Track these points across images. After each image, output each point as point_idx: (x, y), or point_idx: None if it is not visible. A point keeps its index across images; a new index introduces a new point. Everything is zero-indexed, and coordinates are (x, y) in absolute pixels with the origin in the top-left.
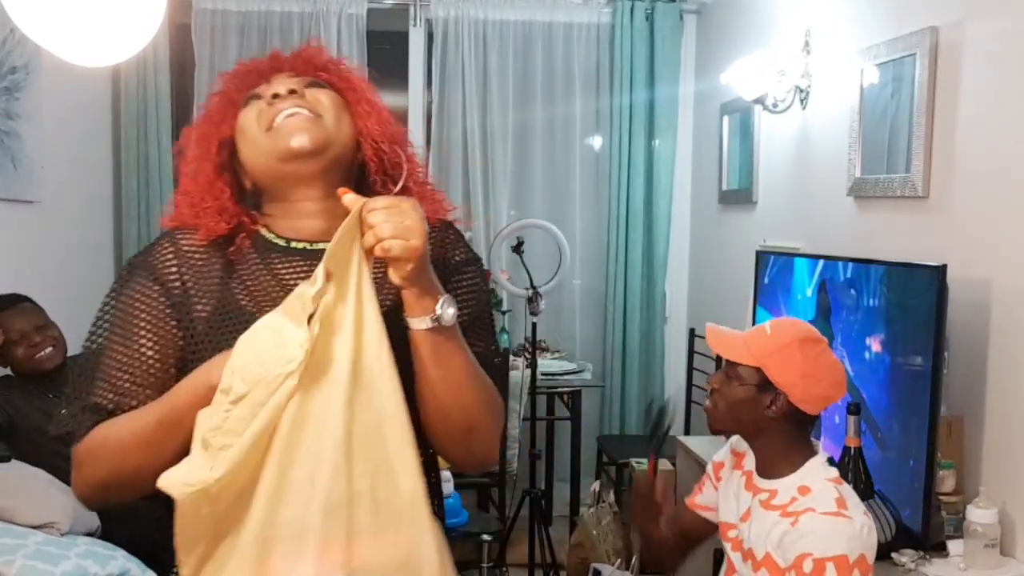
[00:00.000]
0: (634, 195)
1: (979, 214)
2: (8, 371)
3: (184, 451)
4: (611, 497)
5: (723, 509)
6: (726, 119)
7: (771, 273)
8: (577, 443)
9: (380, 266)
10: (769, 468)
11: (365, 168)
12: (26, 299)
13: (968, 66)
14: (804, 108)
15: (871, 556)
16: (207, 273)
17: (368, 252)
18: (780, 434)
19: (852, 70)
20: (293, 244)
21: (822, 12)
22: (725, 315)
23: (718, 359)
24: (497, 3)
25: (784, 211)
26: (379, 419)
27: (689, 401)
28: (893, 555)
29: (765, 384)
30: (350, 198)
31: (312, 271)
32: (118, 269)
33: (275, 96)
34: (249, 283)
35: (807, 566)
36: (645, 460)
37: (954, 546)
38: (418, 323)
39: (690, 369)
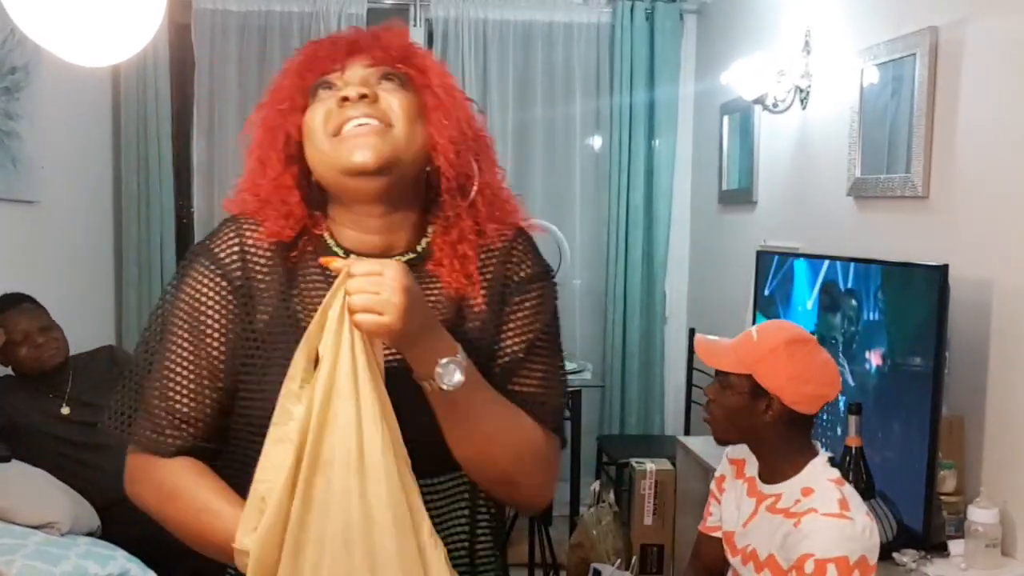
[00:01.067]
0: (634, 195)
1: (979, 214)
2: (8, 371)
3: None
4: (611, 497)
5: (726, 518)
6: (726, 119)
7: (773, 280)
8: (577, 443)
9: None
10: (773, 472)
11: (436, 174)
12: (28, 299)
13: (968, 66)
14: (804, 108)
15: (873, 557)
16: (270, 280)
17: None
18: (780, 438)
19: (852, 70)
20: (352, 256)
21: (822, 12)
22: (725, 315)
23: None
24: (497, 3)
25: (784, 211)
26: (374, 510)
27: (689, 401)
28: (894, 555)
29: (757, 390)
30: (336, 265)
31: None
32: (118, 269)
33: (345, 99)
34: (307, 296)
35: (809, 567)
36: (645, 460)
37: (955, 546)
38: (423, 385)
39: (690, 369)
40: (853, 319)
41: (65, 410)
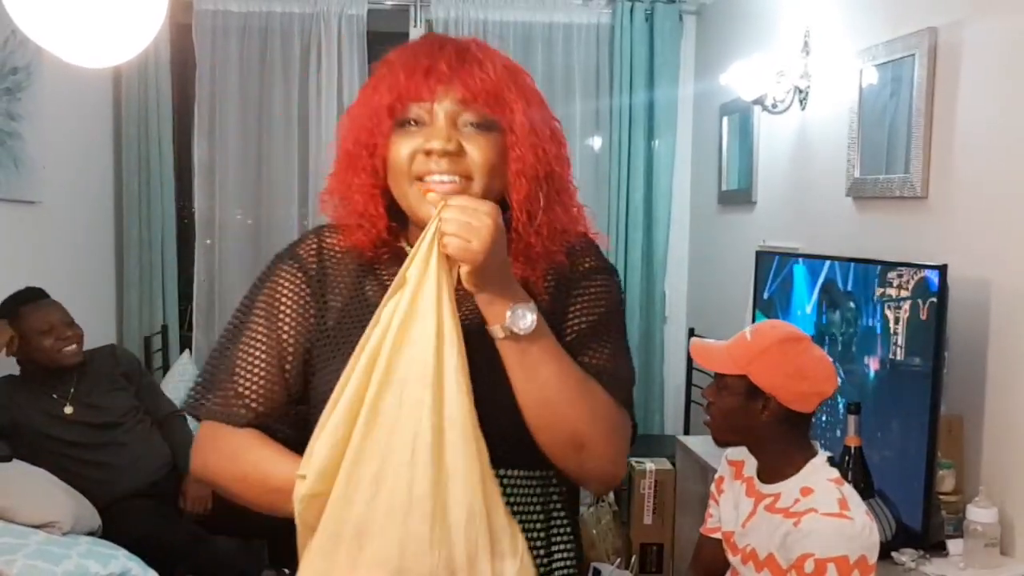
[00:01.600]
0: (634, 195)
1: (978, 214)
2: (10, 371)
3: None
4: (611, 497)
5: (724, 518)
6: (725, 120)
7: (773, 280)
8: None
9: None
10: (771, 472)
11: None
12: (47, 295)
13: (967, 67)
14: (803, 109)
15: (872, 556)
16: (345, 265)
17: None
18: (778, 438)
19: (851, 71)
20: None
21: (821, 13)
22: (725, 315)
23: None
24: (497, 3)
25: (783, 211)
26: (447, 425)
27: (688, 401)
28: (893, 554)
29: (753, 390)
30: (433, 197)
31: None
32: (119, 269)
33: (428, 152)
34: (383, 283)
35: (808, 566)
36: (645, 460)
37: (954, 545)
38: (494, 331)
39: (689, 369)
40: (852, 319)
41: (68, 410)
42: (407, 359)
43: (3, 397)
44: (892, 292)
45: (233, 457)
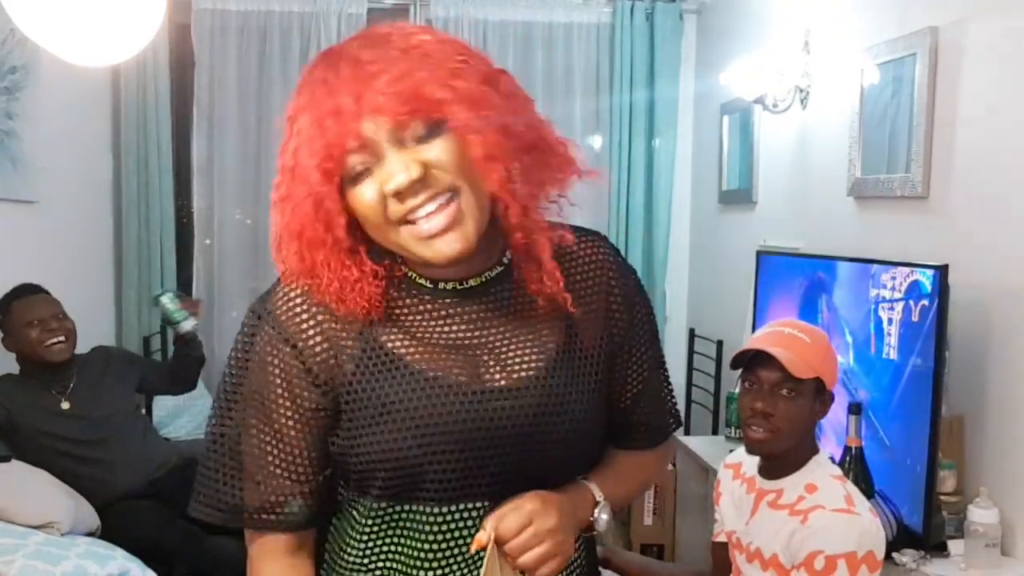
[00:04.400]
0: (634, 195)
1: (979, 214)
2: (10, 370)
3: None
4: None
5: (727, 518)
6: (726, 119)
7: (773, 280)
8: None
9: (526, 338)
10: (775, 468)
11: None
12: (44, 291)
13: (968, 66)
14: (804, 108)
15: (879, 552)
16: (349, 332)
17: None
18: (809, 434)
19: (852, 70)
20: (441, 286)
21: (822, 12)
22: (725, 315)
23: (747, 375)
24: (497, 3)
25: (784, 211)
26: None
27: (689, 401)
28: (894, 555)
29: (819, 390)
30: (482, 539)
31: (464, 309)
32: (118, 269)
33: (396, 194)
34: (396, 320)
35: (819, 563)
36: None
37: (955, 546)
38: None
39: (690, 369)
40: (852, 319)
41: (65, 405)
42: None
43: (1, 395)
44: (892, 292)
45: None
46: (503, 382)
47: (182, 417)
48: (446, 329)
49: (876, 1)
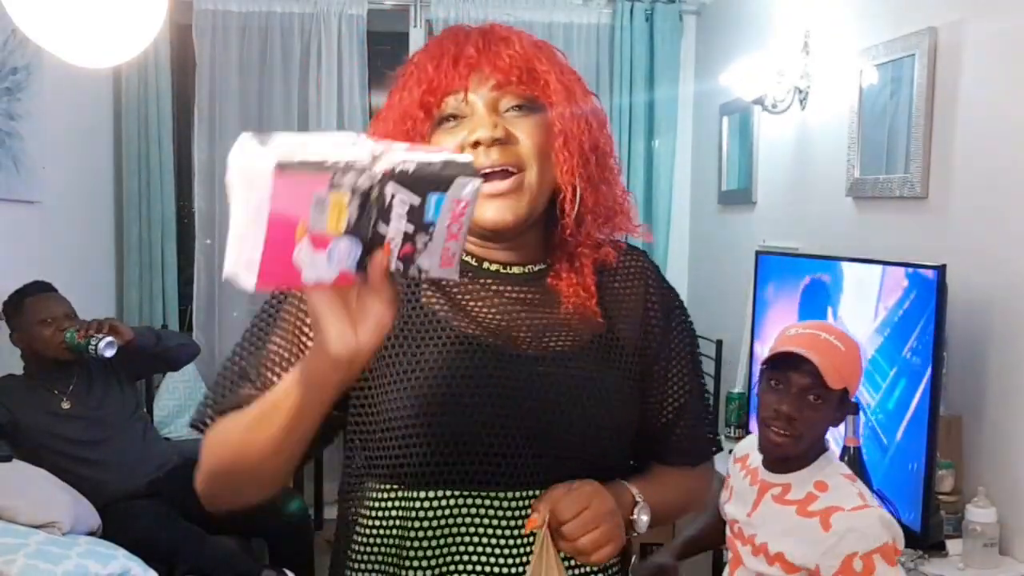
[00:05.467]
0: (634, 195)
1: (978, 214)
2: (12, 371)
3: (279, 450)
4: None
5: (731, 509)
6: (725, 120)
7: (773, 280)
8: None
9: (561, 326)
10: (783, 463)
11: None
12: (54, 289)
13: (967, 67)
14: (803, 109)
15: (900, 543)
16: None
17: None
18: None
19: (851, 71)
20: (485, 265)
21: (821, 13)
22: (725, 315)
23: (775, 375)
24: (497, 3)
25: (783, 211)
26: None
27: None
28: None
29: (844, 398)
30: (538, 520)
31: (504, 290)
32: (119, 269)
33: (476, 144)
34: (439, 293)
35: (857, 565)
36: None
37: (953, 545)
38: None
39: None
40: (851, 319)
41: (66, 405)
42: None
43: (3, 395)
44: (891, 292)
45: (221, 441)
46: (536, 352)
47: (182, 417)
48: (485, 305)
49: (875, 2)
